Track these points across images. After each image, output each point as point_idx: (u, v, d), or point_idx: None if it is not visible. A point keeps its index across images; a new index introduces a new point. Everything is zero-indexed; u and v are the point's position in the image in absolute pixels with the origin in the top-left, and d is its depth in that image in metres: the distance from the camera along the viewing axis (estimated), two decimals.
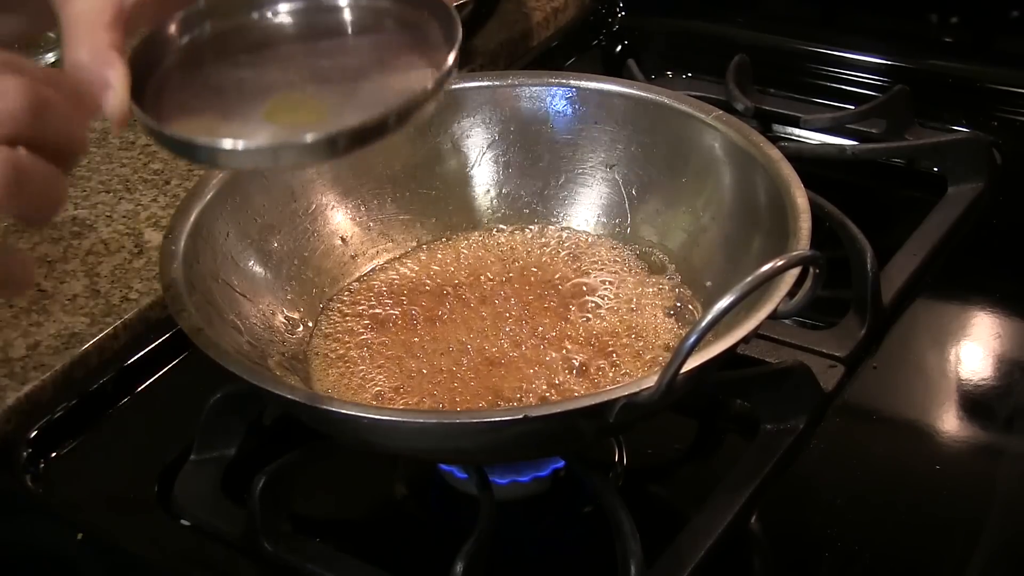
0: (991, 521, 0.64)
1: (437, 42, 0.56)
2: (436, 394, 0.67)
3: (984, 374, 0.74)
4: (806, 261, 0.57)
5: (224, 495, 0.69)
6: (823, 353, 0.73)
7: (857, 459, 0.69)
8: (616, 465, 0.70)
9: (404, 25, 0.59)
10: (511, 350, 0.69)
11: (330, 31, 0.60)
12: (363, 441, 0.64)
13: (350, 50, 0.60)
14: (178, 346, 0.77)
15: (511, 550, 0.66)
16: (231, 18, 0.59)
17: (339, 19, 0.60)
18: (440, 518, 0.70)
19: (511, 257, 0.77)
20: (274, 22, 0.60)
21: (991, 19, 1.01)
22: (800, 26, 1.08)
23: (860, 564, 0.62)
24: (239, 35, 0.59)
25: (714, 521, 0.63)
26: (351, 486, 0.73)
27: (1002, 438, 0.72)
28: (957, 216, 0.85)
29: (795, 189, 0.65)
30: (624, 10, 1.15)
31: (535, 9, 1.13)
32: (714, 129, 0.72)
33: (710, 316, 0.52)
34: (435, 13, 0.57)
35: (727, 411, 0.74)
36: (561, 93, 0.78)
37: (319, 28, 0.60)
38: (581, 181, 0.79)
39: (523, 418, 0.54)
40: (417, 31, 0.58)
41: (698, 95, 0.78)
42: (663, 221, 0.76)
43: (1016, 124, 0.96)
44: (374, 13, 0.59)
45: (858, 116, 0.94)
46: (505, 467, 0.67)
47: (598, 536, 0.63)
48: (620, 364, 0.68)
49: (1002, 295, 0.79)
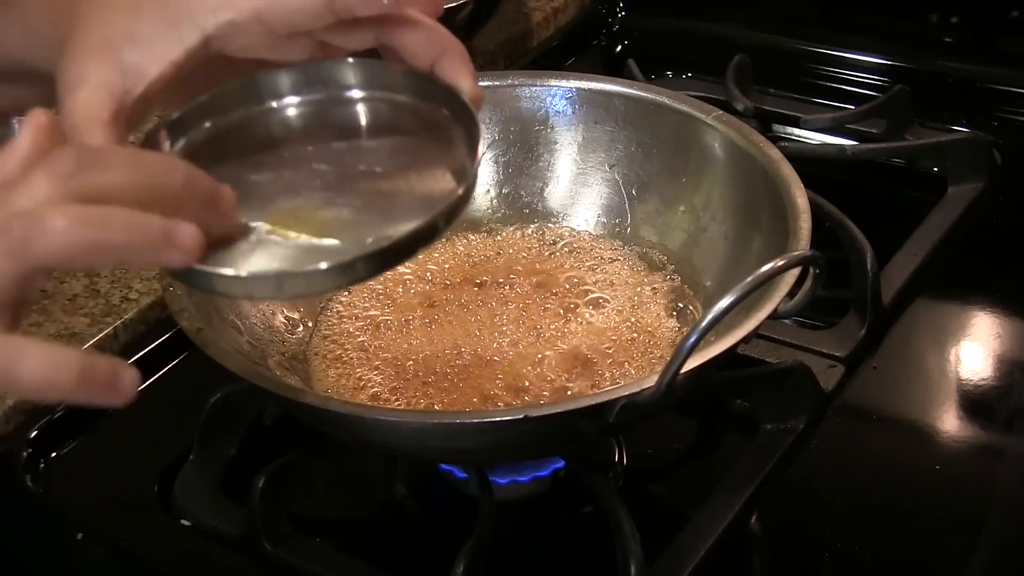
0: (991, 521, 0.64)
1: (456, 146, 0.53)
2: (434, 394, 0.67)
3: (984, 374, 0.74)
4: (806, 261, 0.57)
5: (224, 495, 0.69)
6: (823, 353, 0.73)
7: (857, 459, 0.69)
8: (616, 465, 0.70)
9: (421, 124, 0.55)
10: (510, 350, 0.69)
11: (341, 128, 0.56)
12: (363, 441, 0.64)
13: (363, 152, 0.56)
14: (178, 346, 0.77)
15: (511, 550, 0.66)
16: (235, 111, 0.56)
17: (351, 114, 0.56)
18: (440, 518, 0.70)
19: (511, 257, 0.77)
20: (282, 116, 0.56)
21: (991, 19, 1.01)
22: (800, 26, 1.08)
23: (860, 564, 0.62)
24: (244, 131, 0.56)
25: (714, 521, 0.63)
26: (351, 486, 0.73)
27: (1002, 438, 0.72)
28: (957, 216, 0.85)
29: (795, 189, 0.65)
30: (624, 10, 1.15)
31: (535, 9, 1.13)
32: (714, 129, 0.72)
33: (710, 316, 0.52)
34: (456, 114, 0.54)
35: (727, 411, 0.74)
36: (561, 93, 0.78)
37: (329, 124, 0.56)
38: (581, 181, 0.79)
39: (523, 418, 0.54)
40: (435, 132, 0.54)
41: (698, 95, 0.78)
42: (663, 221, 0.76)
43: (1016, 124, 0.96)
44: (389, 109, 0.56)
45: (858, 116, 0.94)
46: (505, 467, 0.67)
47: (598, 536, 0.63)
48: (620, 364, 0.68)
49: (1002, 295, 0.79)
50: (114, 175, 0.44)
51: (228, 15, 0.52)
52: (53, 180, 0.43)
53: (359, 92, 0.56)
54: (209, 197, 0.47)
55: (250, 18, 0.52)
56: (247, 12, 0.52)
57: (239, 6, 0.52)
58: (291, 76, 0.56)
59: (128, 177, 0.45)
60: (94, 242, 0.43)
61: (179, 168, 0.46)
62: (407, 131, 0.56)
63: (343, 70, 0.56)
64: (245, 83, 0.56)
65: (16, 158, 0.45)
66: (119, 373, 0.44)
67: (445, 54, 0.54)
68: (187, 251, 0.45)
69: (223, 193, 0.48)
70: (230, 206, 0.48)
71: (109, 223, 0.43)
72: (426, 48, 0.54)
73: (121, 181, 0.44)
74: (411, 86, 0.56)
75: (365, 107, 0.56)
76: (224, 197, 0.48)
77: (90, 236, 0.43)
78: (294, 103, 0.56)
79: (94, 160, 0.45)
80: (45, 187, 0.43)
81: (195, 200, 0.46)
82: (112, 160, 0.45)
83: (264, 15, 0.52)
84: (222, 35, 0.52)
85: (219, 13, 0.52)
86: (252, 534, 0.64)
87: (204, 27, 0.52)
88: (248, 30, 0.52)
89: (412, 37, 0.54)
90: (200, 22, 0.52)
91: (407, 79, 0.55)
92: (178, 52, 0.52)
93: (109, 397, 0.44)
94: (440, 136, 0.54)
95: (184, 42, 0.52)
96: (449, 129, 0.54)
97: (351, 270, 0.47)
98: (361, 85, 0.56)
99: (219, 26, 0.52)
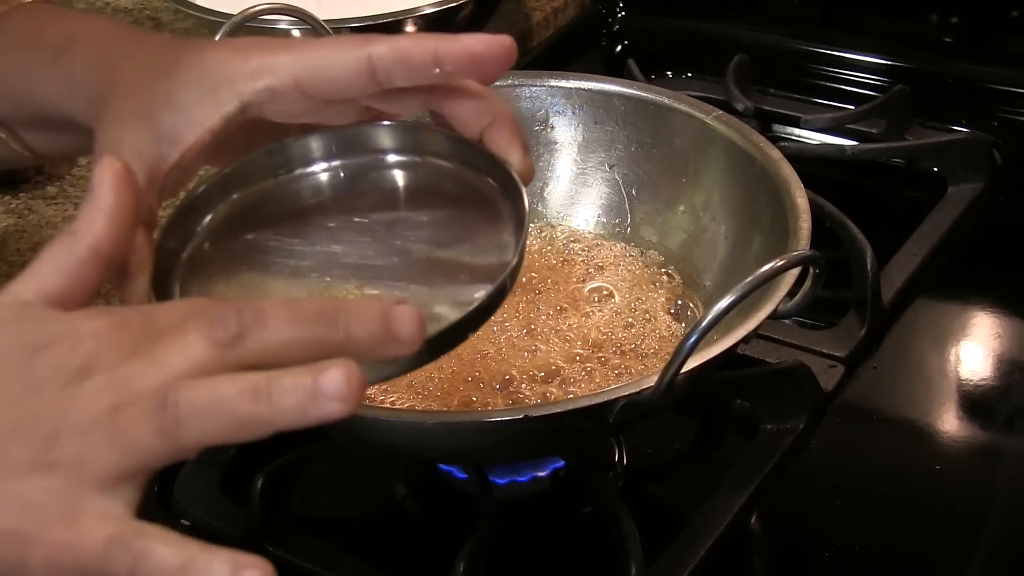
0: (991, 521, 0.64)
1: (502, 218, 0.51)
2: (432, 394, 0.67)
3: (984, 374, 0.74)
4: (806, 261, 0.57)
5: (224, 495, 0.69)
6: (823, 353, 0.73)
7: (857, 459, 0.69)
8: (616, 465, 0.70)
9: (465, 193, 0.53)
10: (509, 350, 0.69)
11: (380, 193, 0.53)
12: (363, 441, 0.64)
13: (406, 223, 0.53)
14: None
15: (511, 550, 0.66)
16: (270, 178, 0.54)
17: (391, 181, 0.54)
18: (440, 518, 0.70)
19: None
20: (316, 183, 0.54)
21: (991, 19, 1.01)
22: (800, 26, 1.08)
23: (860, 564, 0.62)
24: (277, 199, 0.53)
25: (714, 521, 0.63)
26: (351, 486, 0.73)
27: (1002, 438, 0.72)
28: (957, 216, 0.85)
29: (795, 189, 0.65)
30: (624, 10, 1.15)
31: (535, 9, 1.13)
32: (714, 129, 0.72)
33: (710, 316, 0.52)
34: (503, 185, 0.51)
35: (727, 411, 0.74)
36: (561, 93, 0.78)
37: (370, 191, 0.54)
38: (581, 181, 0.79)
39: (523, 418, 0.54)
40: (480, 202, 0.52)
41: (698, 95, 0.78)
42: (663, 221, 0.76)
43: (1016, 124, 0.96)
44: (431, 175, 0.54)
45: (858, 116, 0.94)
46: (505, 467, 0.67)
47: (598, 536, 0.63)
48: (620, 364, 0.68)
49: (1002, 295, 0.79)
50: (274, 337, 0.41)
51: (266, 82, 0.50)
52: (211, 346, 0.40)
53: (399, 157, 0.54)
54: (382, 329, 0.42)
55: (289, 85, 0.50)
56: (286, 79, 0.50)
57: (278, 73, 0.50)
58: (324, 141, 0.54)
59: (288, 336, 0.41)
60: (250, 419, 0.40)
61: (341, 314, 0.42)
62: (450, 200, 0.53)
63: (381, 134, 0.54)
64: (274, 149, 0.54)
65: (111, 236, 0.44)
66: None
67: (495, 124, 0.53)
68: (345, 399, 0.40)
69: (400, 316, 0.42)
70: (414, 328, 0.42)
71: (269, 398, 0.39)
72: (476, 117, 0.52)
73: (282, 343, 0.41)
74: (455, 153, 0.54)
75: (405, 173, 0.54)
76: (402, 320, 0.42)
77: (246, 414, 0.40)
78: (329, 168, 0.54)
79: (254, 322, 0.40)
80: (202, 352, 0.40)
81: (367, 339, 0.42)
82: (271, 319, 0.41)
83: (303, 82, 0.50)
84: (260, 102, 0.51)
85: (257, 80, 0.50)
86: (252, 534, 0.64)
87: (242, 94, 0.50)
88: (287, 97, 0.51)
89: (462, 105, 0.52)
90: (238, 89, 0.50)
91: (451, 145, 0.54)
92: (215, 119, 0.50)
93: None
94: (485, 207, 0.52)
95: (221, 109, 0.50)
96: (495, 200, 0.52)
97: (417, 356, 0.43)
98: (400, 150, 0.54)
99: (257, 92, 0.50)
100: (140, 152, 0.50)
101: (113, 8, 1.15)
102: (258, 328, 0.41)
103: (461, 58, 0.49)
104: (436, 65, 0.49)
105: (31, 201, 0.86)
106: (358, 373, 0.39)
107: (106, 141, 0.51)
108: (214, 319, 0.40)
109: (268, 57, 0.51)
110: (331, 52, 0.50)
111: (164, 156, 0.50)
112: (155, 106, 0.51)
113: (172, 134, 0.50)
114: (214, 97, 0.50)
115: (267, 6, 0.71)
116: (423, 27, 0.95)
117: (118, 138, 0.50)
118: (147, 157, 0.50)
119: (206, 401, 0.39)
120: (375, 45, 0.49)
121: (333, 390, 0.39)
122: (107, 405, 0.40)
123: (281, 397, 0.39)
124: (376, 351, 0.42)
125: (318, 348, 0.41)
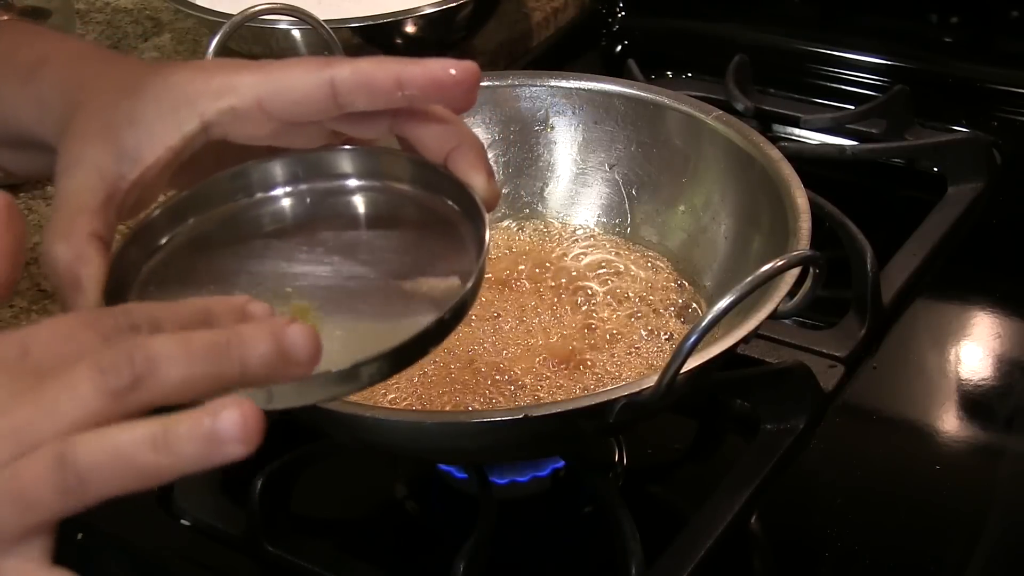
0: (991, 521, 0.64)
1: (463, 242, 0.50)
2: (432, 394, 0.67)
3: (984, 374, 0.74)
4: (806, 261, 0.57)
5: (224, 495, 0.69)
6: (823, 353, 0.73)
7: (857, 459, 0.69)
8: (616, 465, 0.70)
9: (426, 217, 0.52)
10: (508, 350, 0.69)
11: (341, 220, 0.53)
12: (363, 441, 0.64)
13: (364, 246, 0.53)
14: None
15: (511, 550, 0.66)
16: (230, 201, 0.54)
17: (351, 206, 0.54)
18: (440, 518, 0.70)
19: (510, 257, 0.77)
20: (277, 208, 0.54)
21: (991, 19, 1.01)
22: (800, 26, 1.08)
23: (860, 564, 0.62)
24: (237, 222, 0.53)
25: (714, 521, 0.63)
26: (351, 486, 0.73)
27: (1002, 438, 0.72)
28: (957, 216, 0.85)
29: (795, 189, 0.65)
30: (624, 10, 1.15)
31: (535, 9, 1.13)
32: (714, 129, 0.73)
33: (710, 316, 0.52)
34: (465, 210, 0.51)
35: (727, 411, 0.74)
36: (561, 93, 0.78)
37: (330, 216, 0.53)
38: (581, 181, 0.79)
39: (523, 418, 0.54)
40: (441, 226, 0.52)
41: (698, 95, 0.78)
42: (663, 221, 0.76)
43: (1016, 124, 0.96)
44: (392, 200, 0.54)
45: (858, 116, 0.94)
46: (505, 467, 0.67)
47: (598, 536, 0.63)
48: (620, 364, 0.68)
49: (1002, 295, 0.79)
50: (169, 379, 0.39)
51: (229, 101, 0.50)
52: (105, 396, 0.38)
53: (361, 182, 0.54)
54: (276, 353, 0.41)
55: (251, 105, 0.50)
56: (248, 99, 0.50)
57: (240, 93, 0.50)
58: (287, 165, 0.54)
59: (183, 375, 0.39)
60: (152, 470, 0.38)
61: (232, 345, 0.40)
62: (412, 225, 0.53)
63: (343, 158, 0.54)
64: (236, 172, 0.54)
65: None
66: None
67: (459, 148, 0.52)
68: (245, 440, 0.38)
69: (293, 337, 0.41)
70: (308, 346, 0.41)
71: (168, 448, 0.38)
72: (440, 141, 0.52)
73: (177, 384, 0.39)
74: (419, 177, 0.53)
75: (367, 198, 0.54)
76: (295, 341, 0.41)
77: (146, 465, 0.38)
78: (290, 193, 0.54)
79: (146, 368, 0.39)
80: (95, 402, 0.38)
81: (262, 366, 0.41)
82: (163, 359, 0.39)
83: (265, 103, 0.50)
84: (223, 122, 0.51)
85: (220, 99, 0.50)
86: (252, 534, 0.64)
87: (204, 113, 0.50)
88: (250, 117, 0.51)
89: (426, 130, 0.52)
90: (200, 108, 0.50)
91: (415, 170, 0.53)
92: (176, 138, 0.50)
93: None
94: (447, 231, 0.52)
95: (183, 128, 0.50)
96: (458, 225, 0.52)
97: (353, 378, 0.44)
98: (363, 175, 0.54)
99: (220, 112, 0.50)
100: (100, 169, 0.50)
101: (113, 8, 1.15)
102: (151, 374, 0.39)
103: (424, 83, 0.49)
104: (399, 89, 0.49)
105: (31, 201, 0.86)
106: (254, 412, 0.38)
107: (67, 158, 0.50)
108: (106, 366, 0.39)
109: (231, 77, 0.51)
110: (294, 74, 0.50)
111: (124, 174, 0.50)
112: (117, 124, 0.50)
113: (133, 152, 0.50)
114: (175, 116, 0.50)
115: (267, 6, 0.71)
116: (423, 27, 0.95)
117: (78, 155, 0.50)
118: (107, 174, 0.50)
119: (105, 457, 0.38)
120: (337, 68, 0.50)
121: (231, 433, 0.38)
122: (4, 455, 0.38)
123: (180, 447, 0.38)
124: (275, 375, 0.41)
125: (215, 382, 0.40)
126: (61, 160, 0.51)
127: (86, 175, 0.49)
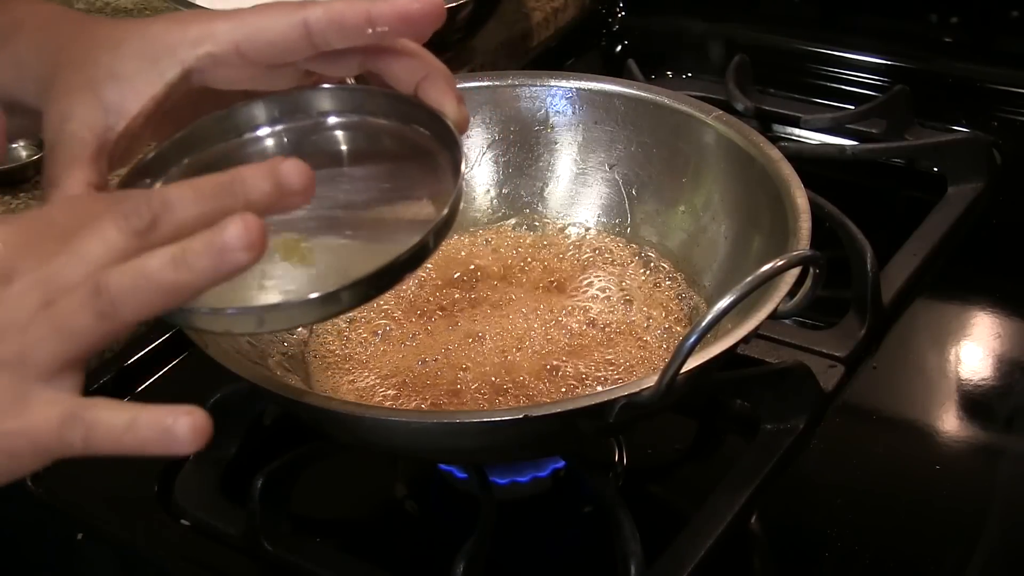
0: (991, 521, 0.64)
1: (441, 168, 0.53)
2: (433, 394, 0.67)
3: (984, 374, 0.74)
4: (806, 261, 0.57)
5: (224, 495, 0.69)
6: (823, 353, 0.73)
7: (857, 459, 0.69)
8: (616, 465, 0.70)
9: (405, 148, 0.55)
10: (508, 349, 0.69)
11: (323, 155, 0.56)
12: (363, 441, 0.64)
13: (346, 178, 0.56)
14: (178, 346, 0.77)
15: (511, 550, 0.66)
16: (215, 145, 0.56)
17: (333, 141, 0.56)
18: (440, 518, 0.70)
19: (510, 257, 0.77)
20: (262, 146, 0.56)
21: (991, 19, 1.01)
22: (800, 26, 1.08)
23: (860, 564, 0.62)
24: (224, 164, 0.52)
25: (714, 521, 0.63)
26: (351, 486, 0.73)
27: (1002, 438, 0.72)
28: (957, 216, 0.85)
29: (795, 189, 0.65)
30: (624, 10, 1.15)
31: (535, 9, 1.13)
32: (714, 129, 0.73)
33: (710, 316, 0.52)
34: (440, 137, 0.53)
35: (727, 411, 0.74)
36: (561, 93, 0.78)
37: (311, 152, 0.56)
38: (581, 181, 0.79)
39: (523, 418, 0.54)
40: (420, 156, 0.54)
41: (698, 95, 0.78)
42: (663, 221, 0.76)
43: (1016, 124, 0.96)
44: (371, 134, 0.56)
45: (858, 116, 0.94)
46: (505, 467, 0.67)
47: (598, 536, 0.63)
48: (620, 364, 0.68)
49: (1002, 295, 0.79)
50: (183, 216, 0.44)
51: (207, 48, 0.53)
52: (129, 236, 0.43)
53: (340, 118, 0.56)
54: (274, 185, 0.45)
55: (229, 50, 0.53)
56: (225, 44, 0.53)
57: (218, 39, 0.53)
58: (269, 106, 0.56)
59: (195, 212, 0.44)
60: (176, 287, 0.43)
61: (236, 183, 0.45)
62: (390, 156, 0.56)
63: (322, 97, 0.56)
64: (222, 115, 0.56)
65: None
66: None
67: (428, 78, 0.55)
68: (250, 247, 0.42)
69: (287, 170, 0.45)
70: (302, 176, 0.45)
71: (187, 264, 0.42)
72: (410, 73, 0.55)
73: (190, 220, 0.44)
74: (394, 110, 0.55)
75: (347, 134, 0.56)
76: (290, 172, 0.45)
77: (170, 283, 0.43)
78: (274, 132, 0.56)
79: (163, 208, 0.44)
80: (121, 241, 0.43)
81: (264, 197, 0.45)
82: (176, 201, 0.44)
83: (242, 47, 0.53)
84: (202, 68, 0.53)
85: (198, 47, 0.53)
86: (252, 534, 0.64)
87: (184, 61, 0.53)
88: (228, 62, 0.53)
89: (396, 64, 0.55)
90: (180, 56, 0.53)
91: (389, 103, 0.55)
92: (158, 87, 0.53)
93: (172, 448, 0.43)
94: (425, 159, 0.54)
95: (164, 77, 0.53)
96: (434, 152, 0.54)
97: (335, 301, 0.47)
98: (341, 111, 0.56)
99: (198, 59, 0.53)
100: (88, 123, 0.52)
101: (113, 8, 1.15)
102: (168, 212, 0.44)
103: (393, 18, 0.52)
104: (369, 25, 0.52)
105: (31, 201, 0.86)
106: (256, 221, 0.42)
107: (54, 115, 0.53)
108: (127, 211, 0.43)
109: (208, 25, 0.53)
110: (268, 17, 0.53)
111: (111, 126, 0.52)
112: (100, 79, 0.53)
113: (118, 104, 0.52)
114: (157, 66, 0.53)
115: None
116: None
117: (66, 111, 0.52)
118: (95, 127, 0.52)
119: (134, 280, 0.42)
120: (310, 9, 0.52)
121: (237, 241, 0.42)
122: (38, 302, 0.43)
123: (195, 260, 0.42)
124: (275, 206, 0.45)
125: (223, 216, 0.43)
126: (48, 117, 0.53)
127: (76, 129, 0.52)
